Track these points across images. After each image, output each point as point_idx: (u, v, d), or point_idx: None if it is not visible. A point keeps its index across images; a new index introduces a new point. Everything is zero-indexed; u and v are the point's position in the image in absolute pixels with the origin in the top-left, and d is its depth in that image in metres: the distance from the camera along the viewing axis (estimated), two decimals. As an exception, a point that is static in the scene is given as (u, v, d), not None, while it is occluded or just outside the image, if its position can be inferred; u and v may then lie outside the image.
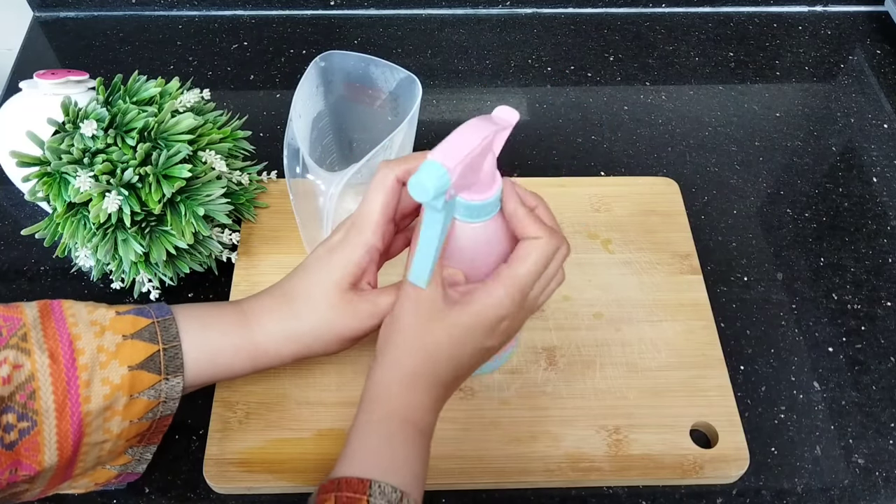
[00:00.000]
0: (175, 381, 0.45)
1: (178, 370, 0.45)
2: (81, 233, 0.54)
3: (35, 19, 0.83)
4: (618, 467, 0.51)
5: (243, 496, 0.51)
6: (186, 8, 0.83)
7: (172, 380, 0.45)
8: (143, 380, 0.44)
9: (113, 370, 0.43)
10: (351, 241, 0.45)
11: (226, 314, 0.47)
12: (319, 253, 0.47)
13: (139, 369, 0.44)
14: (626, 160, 0.71)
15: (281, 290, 0.47)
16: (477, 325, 0.43)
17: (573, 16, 0.84)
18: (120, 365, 0.43)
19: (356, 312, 0.45)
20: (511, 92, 0.77)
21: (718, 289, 0.62)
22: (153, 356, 0.44)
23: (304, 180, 0.52)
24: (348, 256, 0.45)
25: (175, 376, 0.45)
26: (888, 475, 0.53)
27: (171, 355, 0.45)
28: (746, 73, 0.78)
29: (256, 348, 0.46)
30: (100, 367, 0.43)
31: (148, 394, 0.44)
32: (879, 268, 0.64)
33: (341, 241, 0.46)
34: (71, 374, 0.42)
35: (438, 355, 0.43)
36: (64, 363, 0.42)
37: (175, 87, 0.58)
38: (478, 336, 0.43)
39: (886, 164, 0.71)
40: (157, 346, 0.45)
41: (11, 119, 0.59)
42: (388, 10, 0.83)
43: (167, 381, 0.44)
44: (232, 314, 0.47)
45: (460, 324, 0.42)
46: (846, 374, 0.58)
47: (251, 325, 0.46)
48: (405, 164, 0.45)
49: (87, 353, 0.43)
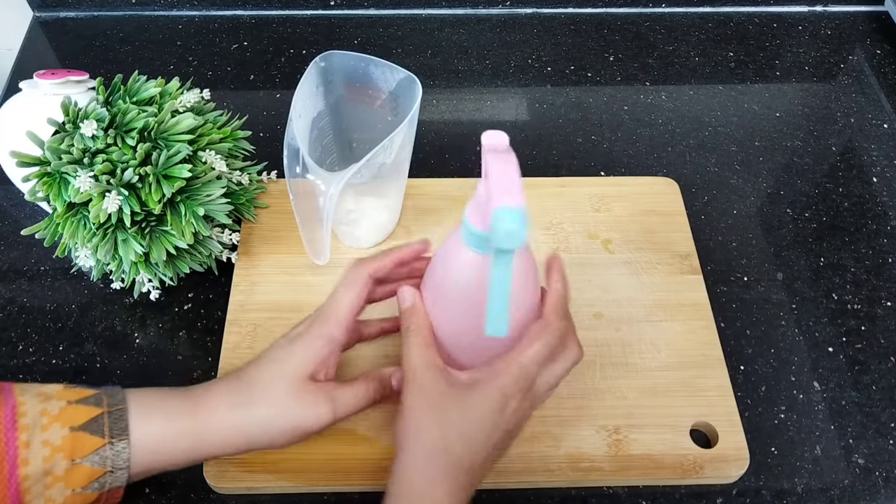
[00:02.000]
0: (120, 445, 0.42)
1: (123, 433, 0.43)
2: (81, 233, 0.54)
3: (35, 19, 0.83)
4: (618, 467, 0.51)
5: (243, 496, 0.51)
6: (186, 8, 0.83)
7: (117, 444, 0.42)
8: (85, 443, 0.42)
9: (54, 432, 0.41)
10: (314, 333, 0.46)
11: (174, 398, 0.45)
12: (281, 343, 0.46)
13: (81, 430, 0.42)
14: (626, 160, 0.71)
15: (237, 376, 0.46)
16: (484, 402, 0.43)
17: (573, 16, 0.84)
18: (62, 426, 0.42)
19: (310, 404, 0.44)
20: (511, 92, 0.77)
21: (718, 289, 0.62)
22: (97, 418, 0.43)
23: (304, 180, 0.52)
24: (309, 347, 0.45)
25: (120, 440, 0.42)
26: (888, 475, 0.53)
27: (116, 418, 0.43)
28: (746, 73, 0.78)
29: (200, 434, 0.44)
30: (41, 430, 0.41)
31: (91, 459, 0.42)
32: (879, 268, 0.64)
33: (303, 333, 0.46)
34: (10, 436, 0.41)
35: (451, 435, 0.43)
36: (4, 424, 0.41)
37: (175, 87, 0.58)
38: (487, 414, 0.43)
39: (886, 164, 0.71)
40: (102, 409, 0.43)
41: (11, 119, 0.59)
42: (388, 10, 0.83)
43: (112, 445, 0.42)
44: (180, 399, 0.45)
45: (469, 402, 0.43)
46: (846, 374, 0.58)
47: (200, 411, 0.44)
48: (378, 262, 0.47)
49: (30, 416, 0.41)
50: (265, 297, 0.59)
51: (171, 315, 0.60)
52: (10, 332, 0.59)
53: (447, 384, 0.44)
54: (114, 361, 0.57)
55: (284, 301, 0.59)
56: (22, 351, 0.58)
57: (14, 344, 0.58)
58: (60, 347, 0.58)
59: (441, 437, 0.43)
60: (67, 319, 0.60)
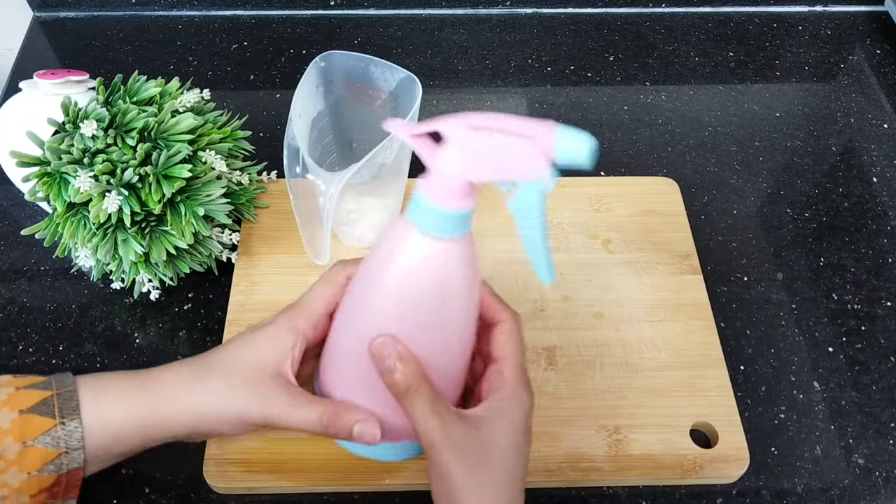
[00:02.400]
0: (72, 425, 0.41)
1: (73, 412, 0.42)
2: (81, 233, 0.54)
3: (35, 19, 0.83)
4: (618, 467, 0.51)
5: (243, 496, 0.51)
6: (186, 8, 0.83)
7: (69, 424, 0.41)
8: (35, 424, 0.41)
9: (2, 416, 0.41)
10: (279, 324, 0.44)
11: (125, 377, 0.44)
12: (246, 332, 0.45)
13: (30, 413, 0.41)
14: (626, 160, 0.71)
15: (195, 360, 0.45)
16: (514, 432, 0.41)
17: (573, 16, 0.84)
18: (10, 410, 0.41)
19: (265, 398, 0.43)
20: (511, 92, 0.77)
21: (718, 289, 0.62)
22: (45, 400, 0.42)
23: (304, 180, 0.52)
24: (274, 337, 0.44)
25: (71, 420, 0.42)
26: (888, 475, 0.53)
27: (65, 398, 0.42)
28: (746, 73, 0.78)
29: (150, 414, 0.43)
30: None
31: (44, 441, 0.41)
32: (879, 268, 0.64)
33: (271, 324, 0.45)
34: None
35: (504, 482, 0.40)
36: None
37: (175, 87, 0.58)
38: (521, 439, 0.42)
39: (886, 164, 0.71)
40: (51, 392, 0.42)
41: (11, 119, 0.59)
42: (388, 10, 0.83)
43: (63, 425, 0.41)
44: (132, 377, 0.44)
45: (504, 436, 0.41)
46: (846, 374, 0.58)
47: (151, 391, 0.43)
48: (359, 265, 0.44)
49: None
50: (265, 297, 0.59)
51: (171, 315, 0.60)
52: (10, 332, 0.59)
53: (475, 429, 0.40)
54: (114, 361, 0.57)
55: (284, 301, 0.58)
56: (22, 351, 0.58)
57: (14, 344, 0.58)
58: (60, 347, 0.58)
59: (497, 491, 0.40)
60: (67, 319, 0.60)
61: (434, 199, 0.37)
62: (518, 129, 0.35)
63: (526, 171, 0.35)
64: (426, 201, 0.38)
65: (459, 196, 0.37)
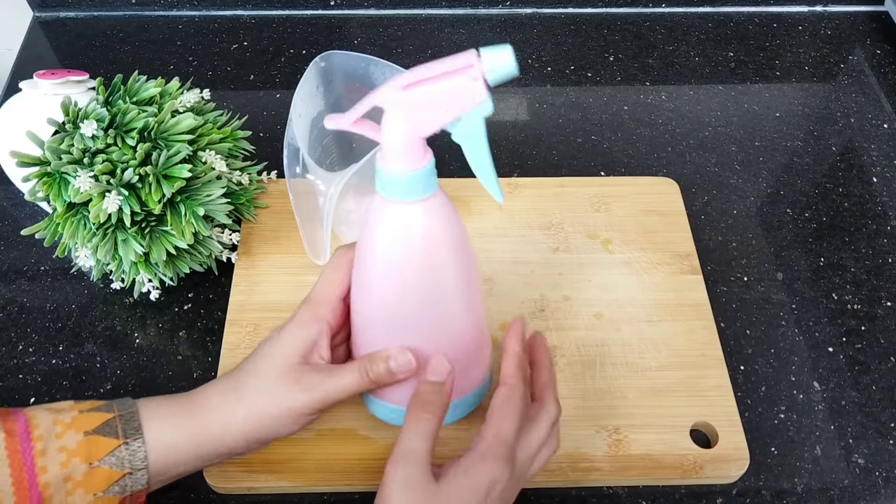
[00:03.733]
0: (135, 444, 0.43)
1: (136, 432, 0.43)
2: (81, 233, 0.54)
3: (35, 19, 0.83)
4: (618, 467, 0.51)
5: (243, 496, 0.51)
6: (186, 8, 0.83)
7: (132, 443, 0.43)
8: (99, 445, 0.42)
9: (69, 438, 0.42)
10: (300, 317, 0.46)
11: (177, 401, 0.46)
12: (272, 334, 0.47)
13: (95, 434, 0.42)
14: (626, 160, 0.71)
15: (231, 373, 0.47)
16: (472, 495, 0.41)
17: (573, 16, 0.84)
18: (76, 432, 0.42)
19: (300, 382, 0.44)
20: (511, 92, 0.77)
21: (718, 289, 0.62)
22: (108, 422, 0.43)
23: (304, 180, 0.52)
24: (297, 331, 0.45)
25: (134, 439, 0.43)
26: (888, 475, 0.53)
27: (127, 419, 0.43)
28: (746, 73, 0.78)
29: (202, 430, 0.44)
30: (55, 437, 0.42)
31: (108, 461, 0.42)
32: (879, 268, 0.64)
33: (292, 319, 0.46)
34: (26, 446, 0.41)
35: None
36: (19, 436, 0.41)
37: (175, 87, 0.58)
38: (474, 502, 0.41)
39: (886, 164, 0.71)
40: (113, 414, 0.43)
41: (11, 119, 0.59)
42: (388, 10, 0.83)
43: (126, 445, 0.42)
44: (181, 400, 0.46)
45: (455, 495, 0.41)
46: (846, 374, 0.58)
47: (199, 409, 0.45)
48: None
49: (42, 427, 0.42)
50: (265, 297, 0.59)
51: (171, 315, 0.60)
52: (10, 332, 0.59)
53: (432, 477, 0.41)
54: (114, 361, 0.57)
55: (284, 301, 0.59)
56: (22, 351, 0.58)
57: (14, 344, 0.58)
58: (60, 347, 0.58)
59: None
60: (67, 319, 0.60)
61: (392, 166, 0.39)
62: (445, 70, 0.37)
63: (466, 105, 0.38)
64: (385, 171, 0.40)
65: (415, 157, 0.39)
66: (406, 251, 0.42)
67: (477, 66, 0.36)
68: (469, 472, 0.41)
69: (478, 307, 0.48)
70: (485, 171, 0.40)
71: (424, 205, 0.41)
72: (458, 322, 0.46)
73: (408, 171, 0.39)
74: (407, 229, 0.42)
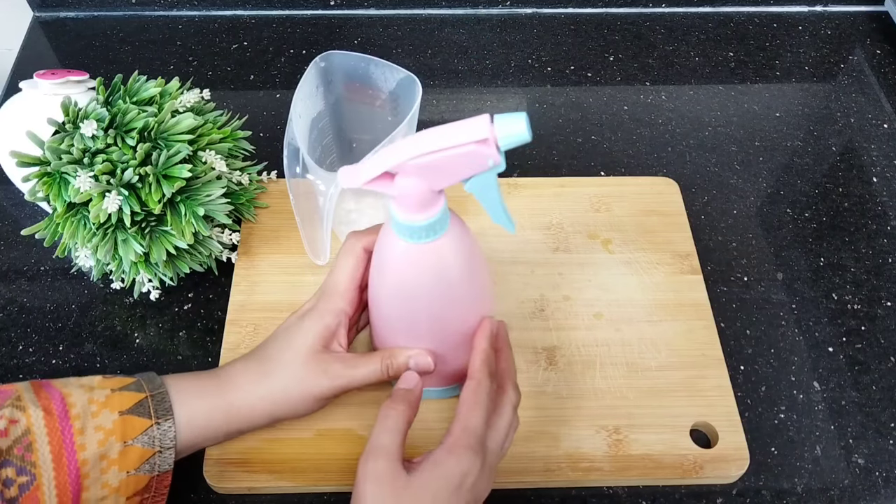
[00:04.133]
0: (166, 425, 0.45)
1: (167, 413, 0.45)
2: (81, 233, 0.54)
3: (35, 19, 0.83)
4: (618, 467, 0.51)
5: (243, 496, 0.51)
6: (186, 8, 0.83)
7: (164, 424, 0.45)
8: (134, 424, 0.44)
9: (104, 417, 0.44)
10: (320, 308, 0.48)
11: (205, 379, 0.48)
12: (291, 320, 0.49)
13: (129, 414, 0.44)
14: (626, 160, 0.71)
15: (255, 354, 0.49)
16: (442, 487, 0.42)
17: (573, 16, 0.84)
18: (111, 412, 0.44)
19: (326, 371, 0.47)
20: (511, 92, 0.77)
21: (718, 289, 0.62)
22: (141, 402, 0.45)
23: (304, 180, 0.52)
24: (318, 321, 0.48)
25: (165, 420, 0.45)
26: (888, 475, 0.53)
27: (159, 400, 0.46)
28: (746, 73, 0.78)
29: (230, 407, 0.47)
30: (91, 416, 0.43)
31: (141, 440, 0.44)
32: (879, 268, 0.64)
33: (312, 308, 0.48)
34: (65, 424, 0.43)
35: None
36: (57, 415, 0.43)
37: (175, 87, 0.58)
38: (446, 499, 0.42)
39: (886, 164, 0.71)
40: (145, 394, 0.45)
41: (11, 119, 0.59)
42: (388, 10, 0.83)
43: (158, 425, 0.45)
44: (208, 378, 0.48)
45: (426, 487, 0.41)
46: (846, 374, 0.58)
47: (227, 387, 0.47)
48: (371, 235, 0.48)
49: (79, 406, 0.44)
50: (265, 297, 0.59)
51: (171, 315, 0.60)
52: (10, 332, 0.59)
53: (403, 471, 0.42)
54: (114, 361, 0.57)
55: (284, 301, 0.59)
56: (22, 351, 0.58)
57: (14, 344, 0.58)
58: (60, 347, 0.58)
59: None
60: (67, 319, 0.60)
61: (404, 216, 0.41)
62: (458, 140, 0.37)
63: (477, 168, 0.38)
64: (398, 217, 0.41)
65: (425, 208, 0.41)
66: (421, 284, 0.44)
67: (491, 138, 0.37)
68: (439, 464, 0.42)
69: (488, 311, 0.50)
70: (497, 213, 0.41)
71: (438, 244, 0.43)
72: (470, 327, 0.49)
73: (422, 220, 0.41)
74: (422, 266, 0.43)
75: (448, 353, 0.49)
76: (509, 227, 0.42)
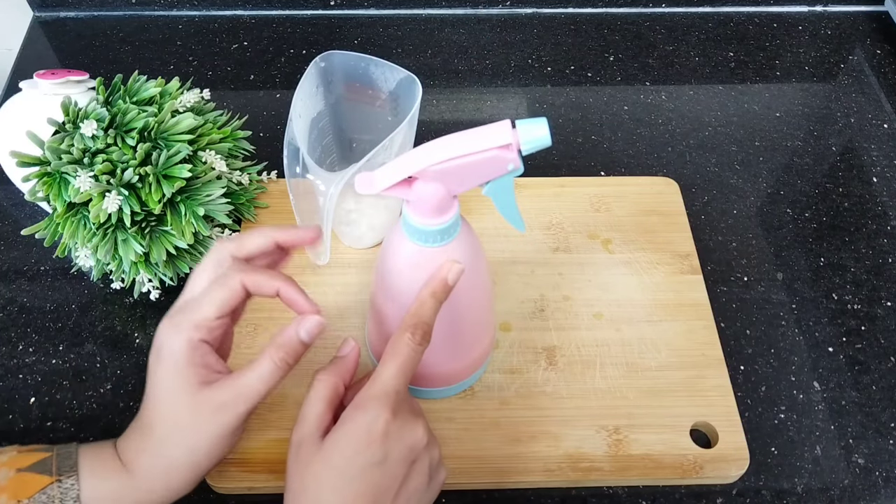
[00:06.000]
0: (69, 482, 0.41)
1: (71, 470, 0.41)
2: (81, 233, 0.54)
3: (35, 19, 0.83)
4: (618, 467, 0.51)
5: (243, 496, 0.51)
6: (186, 8, 0.83)
7: (66, 480, 0.41)
8: (31, 482, 0.41)
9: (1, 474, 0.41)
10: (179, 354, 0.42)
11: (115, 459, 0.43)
12: (154, 369, 0.43)
13: (28, 471, 0.41)
14: (626, 160, 0.71)
15: (140, 423, 0.44)
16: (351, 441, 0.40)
17: (573, 16, 0.84)
18: (9, 470, 0.41)
19: (218, 406, 0.42)
20: (511, 92, 0.77)
21: (718, 289, 0.62)
22: (44, 460, 0.42)
23: (304, 180, 0.52)
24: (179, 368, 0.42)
25: (69, 477, 0.41)
26: (888, 475, 0.53)
27: (65, 457, 0.42)
28: (746, 73, 0.78)
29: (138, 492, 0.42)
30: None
31: (39, 499, 0.40)
32: (879, 268, 0.64)
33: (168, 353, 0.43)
34: None
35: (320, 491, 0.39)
36: None
37: (175, 87, 0.58)
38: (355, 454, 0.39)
39: (886, 164, 0.71)
40: (51, 453, 0.42)
41: (11, 119, 0.59)
42: (388, 10, 0.83)
43: (60, 482, 0.41)
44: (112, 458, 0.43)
45: (334, 446, 0.40)
46: (846, 374, 0.58)
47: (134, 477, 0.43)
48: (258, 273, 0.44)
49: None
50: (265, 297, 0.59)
51: (171, 315, 0.60)
52: (10, 332, 0.59)
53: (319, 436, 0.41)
54: (114, 361, 0.57)
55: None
56: (22, 351, 0.58)
57: (14, 344, 0.58)
58: (60, 347, 0.58)
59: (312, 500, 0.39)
60: (67, 319, 0.60)
61: (418, 220, 0.41)
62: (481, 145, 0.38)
63: (497, 172, 0.39)
64: (412, 221, 0.42)
65: (440, 213, 0.41)
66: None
67: (514, 143, 0.38)
68: (345, 421, 0.40)
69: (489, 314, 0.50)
70: (510, 214, 0.42)
71: (448, 247, 0.43)
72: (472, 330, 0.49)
73: (436, 224, 0.41)
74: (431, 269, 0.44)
75: (448, 354, 0.49)
76: (520, 228, 0.43)
